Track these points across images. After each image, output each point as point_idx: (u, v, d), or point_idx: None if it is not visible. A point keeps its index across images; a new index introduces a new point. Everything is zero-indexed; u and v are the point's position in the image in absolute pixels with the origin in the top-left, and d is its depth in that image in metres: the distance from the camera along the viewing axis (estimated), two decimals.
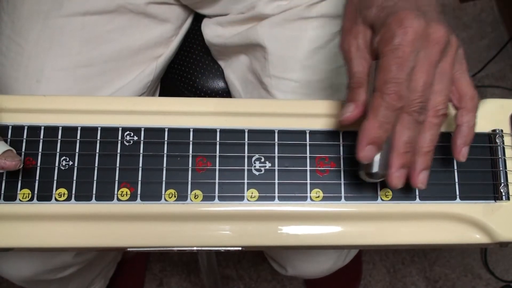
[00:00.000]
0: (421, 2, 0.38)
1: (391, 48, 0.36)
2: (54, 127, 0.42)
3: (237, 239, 0.41)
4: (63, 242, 0.41)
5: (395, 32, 0.36)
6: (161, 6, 0.64)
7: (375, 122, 0.36)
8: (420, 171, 0.38)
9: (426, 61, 0.36)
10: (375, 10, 0.38)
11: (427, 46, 0.36)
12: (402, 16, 0.36)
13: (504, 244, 0.42)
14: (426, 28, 0.36)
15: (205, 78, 0.70)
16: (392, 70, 0.35)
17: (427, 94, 0.37)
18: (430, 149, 0.37)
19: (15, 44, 0.58)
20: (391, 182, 0.37)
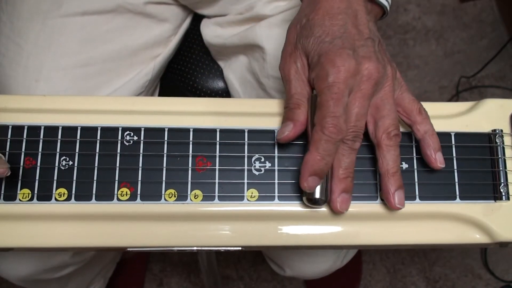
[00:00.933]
0: (357, 39, 0.40)
1: (326, 85, 0.38)
2: (54, 127, 0.42)
3: (237, 239, 0.41)
4: (63, 242, 0.41)
5: (328, 72, 0.39)
6: (160, 6, 0.64)
7: (317, 154, 0.38)
8: (394, 191, 0.40)
9: (359, 95, 0.39)
10: (312, 42, 0.41)
11: (360, 81, 0.39)
12: (334, 56, 0.39)
13: (504, 244, 0.42)
14: (357, 66, 0.39)
15: (204, 78, 0.70)
16: (330, 106, 0.38)
17: (360, 124, 0.39)
18: (396, 170, 0.40)
19: (14, 44, 0.58)
20: (334, 207, 0.40)
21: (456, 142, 0.43)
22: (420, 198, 0.42)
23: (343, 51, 0.39)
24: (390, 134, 0.40)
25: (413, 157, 0.43)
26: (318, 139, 0.38)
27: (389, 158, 0.40)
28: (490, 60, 1.26)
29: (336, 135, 0.38)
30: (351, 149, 0.39)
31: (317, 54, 0.40)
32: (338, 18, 0.41)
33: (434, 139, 0.41)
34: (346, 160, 0.39)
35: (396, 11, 1.38)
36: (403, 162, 0.42)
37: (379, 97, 0.41)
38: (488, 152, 0.43)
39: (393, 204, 0.40)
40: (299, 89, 0.41)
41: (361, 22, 0.42)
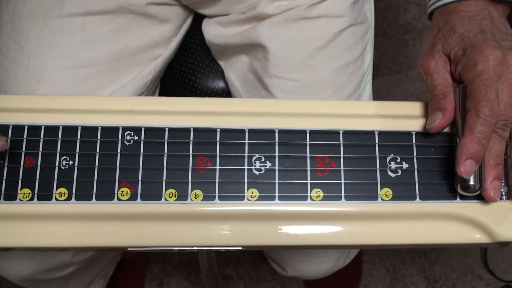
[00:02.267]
0: (497, 34, 0.43)
1: (476, 73, 0.40)
2: (54, 126, 0.42)
3: (237, 239, 0.41)
4: (63, 242, 0.41)
5: (477, 61, 0.41)
6: (161, 6, 0.64)
7: (473, 138, 0.39)
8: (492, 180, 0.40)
9: (507, 84, 0.40)
10: (455, 39, 0.43)
11: (507, 71, 0.41)
12: (481, 47, 0.41)
13: (504, 244, 0.42)
14: (504, 56, 0.41)
15: (205, 78, 0.70)
16: (482, 90, 0.39)
17: (508, 113, 0.40)
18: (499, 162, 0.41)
19: (15, 43, 0.58)
20: (487, 194, 0.40)
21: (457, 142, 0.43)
22: (420, 198, 0.42)
23: (489, 42, 0.41)
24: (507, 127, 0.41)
25: (413, 157, 0.43)
26: (474, 122, 0.39)
27: (496, 148, 0.40)
28: None
29: (492, 118, 0.39)
30: (501, 137, 0.40)
31: (462, 48, 0.42)
32: (476, 18, 0.44)
33: None
34: (497, 148, 0.40)
35: (396, 11, 1.38)
36: (403, 162, 0.42)
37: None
38: None
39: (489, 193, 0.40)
40: (441, 81, 0.43)
41: (497, 21, 0.44)
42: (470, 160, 0.39)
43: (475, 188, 0.40)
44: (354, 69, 0.63)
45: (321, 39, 0.60)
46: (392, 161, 0.42)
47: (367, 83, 0.66)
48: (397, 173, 0.42)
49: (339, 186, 0.42)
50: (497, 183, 0.40)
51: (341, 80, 0.61)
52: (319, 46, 0.60)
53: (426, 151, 0.43)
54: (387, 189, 0.42)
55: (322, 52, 0.60)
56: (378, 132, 0.43)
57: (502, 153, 0.41)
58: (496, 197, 0.40)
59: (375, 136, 0.43)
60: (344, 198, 0.41)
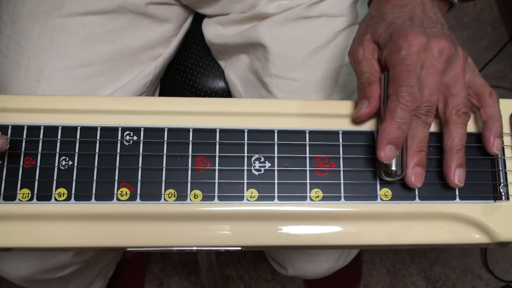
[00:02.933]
0: (426, 22, 0.42)
1: (399, 58, 0.40)
2: (53, 127, 0.42)
3: (237, 239, 0.41)
4: (63, 242, 0.41)
5: (401, 46, 0.40)
6: (161, 6, 0.64)
7: (393, 123, 0.39)
8: (454, 169, 0.40)
9: (432, 70, 0.40)
10: (384, 26, 0.43)
11: (432, 57, 0.40)
12: (406, 32, 0.41)
13: (504, 244, 0.42)
14: (428, 42, 0.40)
15: (205, 78, 0.70)
16: (404, 76, 0.39)
17: (433, 99, 0.40)
18: (460, 147, 0.40)
19: (15, 43, 0.58)
20: (409, 180, 0.40)
21: None
22: (420, 198, 0.42)
23: (414, 28, 0.41)
24: (459, 112, 0.40)
25: None
26: (394, 107, 0.39)
27: (455, 135, 0.40)
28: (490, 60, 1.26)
29: (412, 103, 0.39)
30: (424, 123, 0.40)
31: (389, 34, 0.42)
32: (408, 6, 0.43)
33: (498, 125, 0.41)
34: (420, 135, 0.40)
35: None
36: None
37: (450, 76, 0.41)
38: (488, 152, 0.43)
39: (452, 180, 0.40)
40: (367, 68, 0.43)
41: (429, 11, 0.44)
42: (390, 145, 0.39)
43: (397, 173, 0.40)
44: None
45: (321, 39, 0.60)
46: None
47: None
48: None
49: (338, 186, 0.42)
50: (419, 169, 0.40)
51: (341, 80, 0.61)
52: (319, 46, 0.60)
53: None
54: (386, 189, 0.42)
55: (322, 51, 0.60)
56: (377, 132, 0.43)
57: (425, 139, 0.40)
58: (417, 183, 0.40)
59: (374, 137, 0.43)
60: (344, 198, 0.41)
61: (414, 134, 0.40)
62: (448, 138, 0.41)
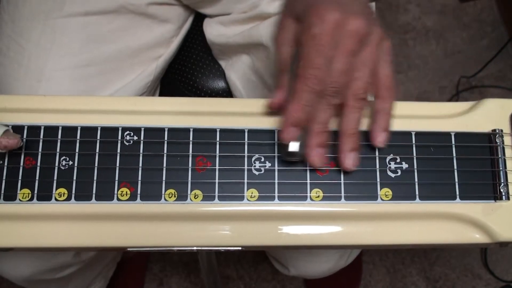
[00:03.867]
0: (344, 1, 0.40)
1: (310, 36, 0.38)
2: (54, 127, 0.42)
3: (237, 239, 0.41)
4: (63, 242, 0.41)
5: (313, 22, 0.38)
6: (162, 6, 0.64)
7: (298, 105, 0.38)
8: (347, 152, 0.40)
9: (343, 50, 0.38)
10: (301, 3, 0.40)
11: (345, 36, 0.38)
12: (319, 8, 0.38)
13: (504, 244, 0.42)
14: (343, 20, 0.38)
15: (205, 78, 0.70)
16: (311, 57, 0.38)
17: (342, 80, 0.39)
18: (354, 132, 0.40)
19: (16, 44, 0.58)
20: (310, 160, 0.40)
21: (456, 142, 0.43)
22: (420, 198, 0.42)
23: (329, 4, 0.39)
24: (357, 96, 0.39)
25: (413, 157, 0.43)
26: (299, 89, 0.38)
27: (350, 118, 0.40)
28: (490, 60, 1.26)
29: (317, 85, 0.38)
30: (329, 105, 0.39)
31: (306, 9, 0.40)
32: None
33: (385, 118, 0.41)
34: (323, 115, 0.39)
35: (396, 11, 1.38)
36: (403, 162, 0.42)
37: (358, 57, 0.40)
38: (488, 152, 0.43)
39: (344, 163, 0.40)
40: (285, 54, 0.42)
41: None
42: (293, 127, 0.38)
43: (299, 154, 0.40)
44: None
45: None
46: (391, 161, 0.42)
47: None
48: (396, 173, 0.42)
49: (338, 186, 0.42)
50: (321, 150, 0.40)
51: None
52: None
53: (425, 151, 0.43)
54: (386, 189, 0.42)
55: None
56: None
57: (327, 121, 0.39)
58: (318, 164, 0.40)
59: None
60: (344, 198, 0.41)
61: (318, 115, 0.39)
62: (343, 122, 0.40)
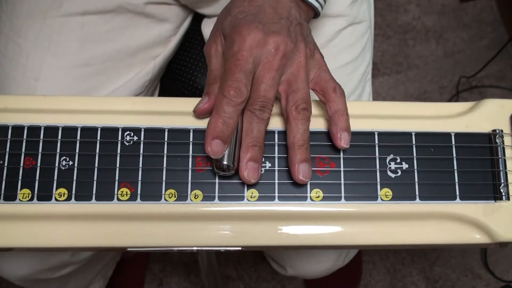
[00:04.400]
0: (269, 18, 0.42)
1: (231, 53, 0.40)
2: (54, 127, 0.42)
3: (237, 239, 0.41)
4: (63, 242, 0.41)
5: (234, 40, 0.41)
6: (160, 6, 0.64)
7: (218, 117, 0.39)
8: (298, 164, 0.40)
9: (267, 66, 0.40)
10: (228, 20, 0.43)
11: (267, 53, 0.40)
12: (242, 27, 0.41)
13: (504, 244, 0.42)
14: (265, 38, 0.41)
15: (204, 78, 0.70)
16: (232, 71, 0.39)
17: (267, 95, 0.40)
18: (302, 143, 0.40)
19: (14, 43, 0.58)
20: (242, 175, 0.40)
21: (456, 142, 0.43)
22: (420, 198, 0.42)
23: (251, 24, 0.41)
24: (298, 107, 0.40)
25: (413, 157, 0.43)
26: (220, 102, 0.39)
27: (296, 131, 0.40)
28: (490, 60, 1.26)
29: (236, 98, 0.39)
30: (259, 119, 0.40)
31: (230, 28, 0.42)
32: (257, 1, 0.43)
33: (343, 119, 0.41)
34: (254, 129, 0.40)
35: (396, 11, 1.38)
36: (403, 162, 0.42)
37: (290, 72, 0.42)
38: (488, 152, 0.43)
39: (297, 176, 0.40)
40: (217, 66, 0.43)
41: (281, 6, 0.43)
42: (217, 139, 0.39)
43: (230, 168, 0.40)
44: (354, 68, 0.63)
45: (320, 39, 0.60)
46: (392, 161, 0.42)
47: (367, 82, 0.66)
48: (397, 174, 0.42)
49: (339, 187, 0.42)
50: (253, 164, 0.40)
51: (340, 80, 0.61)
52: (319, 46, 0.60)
53: (425, 151, 0.43)
54: (387, 189, 0.42)
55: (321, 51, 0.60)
56: (377, 132, 0.43)
57: (260, 135, 0.40)
58: (251, 178, 0.40)
59: (374, 137, 0.43)
60: (344, 198, 0.41)
61: (249, 129, 0.40)
62: (290, 134, 0.40)
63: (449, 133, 0.43)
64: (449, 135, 0.43)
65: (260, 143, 0.40)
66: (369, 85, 0.67)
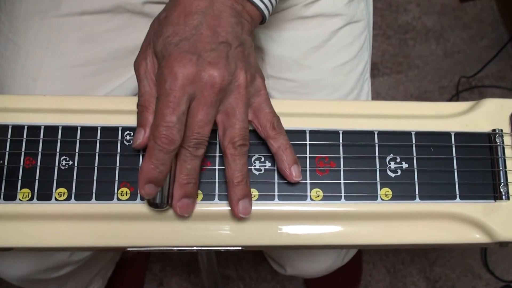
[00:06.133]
0: (206, 43, 0.39)
1: (163, 92, 0.38)
2: (54, 126, 0.42)
3: (237, 239, 0.41)
4: (63, 242, 0.41)
5: (166, 77, 0.38)
6: (158, 5, 0.63)
7: (150, 163, 0.37)
8: (237, 201, 0.39)
9: (202, 101, 0.38)
10: (161, 41, 0.39)
11: (202, 88, 0.38)
12: (174, 62, 0.38)
13: (504, 244, 0.42)
14: (199, 72, 0.38)
15: None
16: (164, 114, 0.37)
17: (202, 131, 0.38)
18: (241, 179, 0.39)
19: (12, 43, 0.58)
20: (176, 211, 0.40)
21: (456, 142, 0.43)
22: (420, 198, 0.42)
23: (184, 56, 0.38)
24: (235, 144, 0.39)
25: (413, 157, 0.43)
26: (152, 148, 0.37)
27: (234, 168, 0.39)
28: (490, 60, 1.26)
29: (168, 145, 0.37)
30: (193, 156, 0.39)
31: (162, 55, 0.39)
32: (193, 17, 0.39)
33: (288, 153, 0.40)
34: (188, 167, 0.39)
35: (396, 11, 1.38)
36: (403, 162, 0.42)
37: (228, 103, 0.40)
38: (488, 152, 0.43)
39: (237, 212, 0.40)
40: (147, 89, 0.40)
41: (221, 23, 0.40)
42: (149, 184, 0.38)
43: (162, 205, 0.39)
44: (351, 67, 0.63)
45: (317, 39, 0.60)
46: (391, 161, 0.42)
47: (365, 81, 0.66)
48: (396, 173, 0.42)
49: (338, 186, 0.42)
50: (186, 200, 0.39)
51: (339, 79, 0.61)
52: (316, 46, 0.60)
53: (425, 151, 0.43)
54: (386, 189, 0.42)
55: (318, 51, 0.60)
56: (377, 132, 0.43)
57: (194, 171, 0.39)
58: (184, 213, 0.39)
59: (374, 136, 0.43)
60: (344, 198, 0.41)
61: (183, 167, 0.39)
62: (228, 171, 0.39)
63: (449, 132, 0.43)
64: (449, 135, 0.43)
65: (194, 179, 0.39)
66: (368, 85, 0.67)
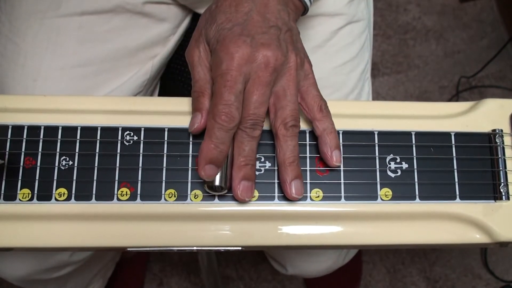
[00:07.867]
0: (258, 27, 0.40)
1: (220, 73, 0.39)
2: (54, 127, 0.42)
3: (237, 239, 0.41)
4: (63, 242, 0.41)
5: (222, 59, 0.39)
6: (158, 5, 0.64)
7: (210, 143, 0.38)
8: (290, 181, 0.40)
9: (257, 82, 0.39)
10: (214, 29, 0.41)
11: (257, 69, 0.39)
12: (229, 43, 0.39)
13: (504, 244, 0.42)
14: (253, 53, 0.39)
15: None
16: (222, 93, 0.38)
17: (258, 112, 0.39)
18: (292, 160, 0.40)
19: (12, 43, 0.58)
20: (236, 194, 0.40)
21: (456, 142, 0.43)
22: (420, 198, 0.42)
23: (239, 38, 0.39)
24: (287, 125, 0.40)
25: (413, 157, 0.43)
26: (211, 127, 0.38)
27: (286, 148, 0.40)
28: (490, 60, 1.26)
29: (228, 123, 0.38)
30: (250, 137, 0.39)
31: (216, 40, 0.40)
32: (244, 5, 0.41)
33: (332, 137, 0.41)
34: (246, 148, 0.39)
35: (396, 11, 1.38)
36: (403, 162, 0.42)
37: (280, 85, 0.40)
38: (488, 152, 0.43)
39: (290, 193, 0.40)
40: (202, 75, 0.41)
41: (270, 10, 0.41)
42: (209, 165, 0.38)
43: (222, 188, 0.39)
44: (352, 67, 0.63)
45: (318, 38, 0.60)
46: (391, 161, 0.42)
47: (366, 81, 0.66)
48: (396, 173, 0.42)
49: (338, 186, 0.42)
50: (246, 183, 0.39)
51: (339, 79, 0.61)
52: (316, 45, 0.60)
53: (425, 151, 0.43)
54: (386, 189, 0.42)
55: (318, 51, 0.60)
56: (377, 132, 0.43)
57: (252, 153, 0.39)
58: (245, 197, 0.39)
59: (374, 136, 0.43)
60: (344, 198, 0.41)
61: (240, 148, 0.39)
62: (279, 152, 0.40)
63: (449, 132, 0.43)
64: (449, 135, 0.43)
65: (252, 161, 0.40)
66: (368, 84, 0.67)
